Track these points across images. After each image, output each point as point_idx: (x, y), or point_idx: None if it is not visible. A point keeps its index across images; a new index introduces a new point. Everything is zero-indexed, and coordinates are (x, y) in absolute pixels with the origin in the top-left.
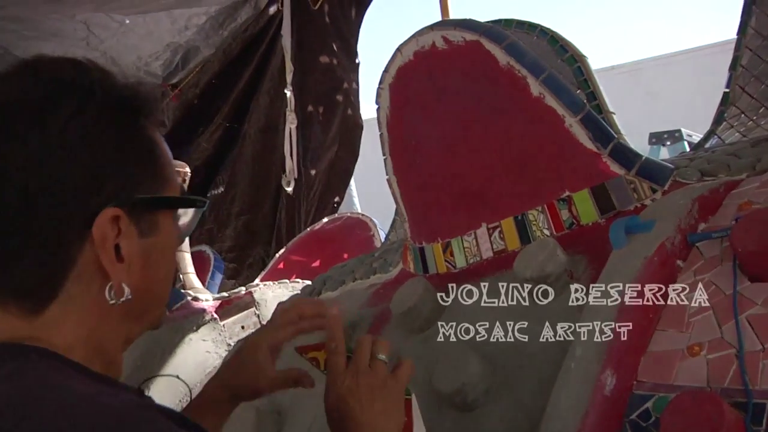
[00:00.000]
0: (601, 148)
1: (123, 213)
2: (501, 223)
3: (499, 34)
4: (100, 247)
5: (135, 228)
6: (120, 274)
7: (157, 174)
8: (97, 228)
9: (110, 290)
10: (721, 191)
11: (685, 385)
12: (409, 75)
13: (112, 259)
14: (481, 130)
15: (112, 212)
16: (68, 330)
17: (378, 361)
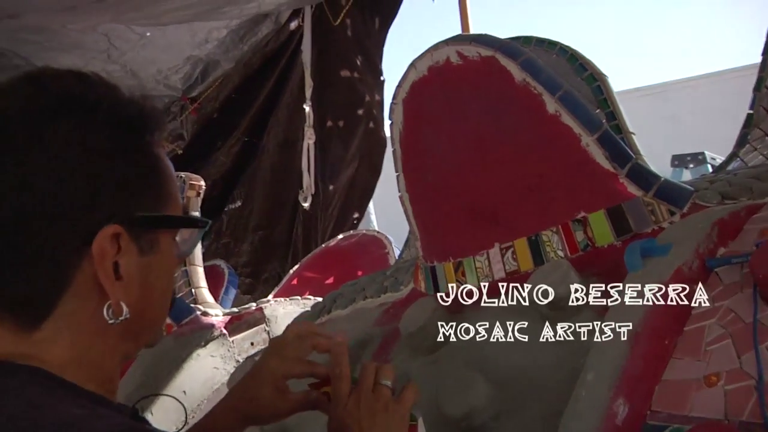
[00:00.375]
0: (618, 168)
1: (123, 230)
2: (514, 243)
3: (515, 49)
4: (99, 264)
5: (135, 246)
6: (118, 293)
7: (159, 192)
8: (97, 245)
9: (108, 309)
10: (742, 215)
11: (702, 416)
12: (422, 90)
13: (110, 276)
14: (495, 148)
15: (113, 230)
16: (62, 348)
17: (382, 386)
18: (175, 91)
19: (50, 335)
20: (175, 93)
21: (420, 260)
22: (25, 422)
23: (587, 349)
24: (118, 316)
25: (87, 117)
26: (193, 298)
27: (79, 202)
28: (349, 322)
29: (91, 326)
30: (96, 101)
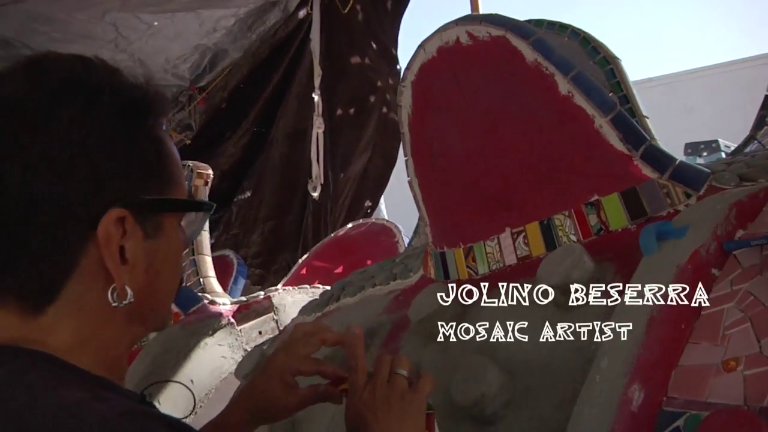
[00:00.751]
0: (632, 150)
1: (128, 214)
2: (526, 227)
3: (527, 29)
4: (105, 247)
5: (140, 229)
6: (124, 276)
7: (163, 176)
8: (103, 228)
9: (113, 292)
10: (761, 196)
11: (720, 402)
12: (432, 72)
13: (116, 260)
14: (506, 130)
15: (118, 213)
16: (68, 332)
17: (397, 375)
18: (183, 80)
19: (55, 320)
20: (183, 83)
21: (430, 246)
22: (25, 405)
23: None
24: (122, 299)
25: (90, 101)
26: (202, 287)
27: (84, 185)
28: (358, 309)
29: (97, 310)
30: (99, 85)
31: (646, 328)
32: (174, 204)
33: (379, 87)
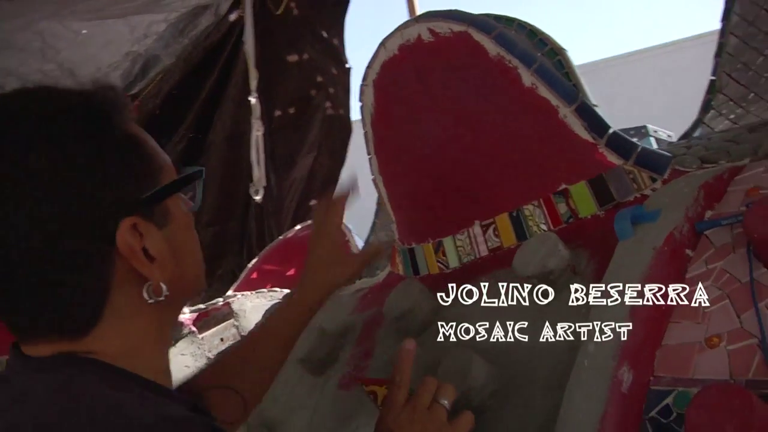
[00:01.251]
0: (597, 138)
1: (137, 217)
2: (495, 219)
3: (488, 24)
4: (131, 257)
5: (152, 225)
6: (157, 273)
7: (151, 167)
8: (121, 243)
9: (148, 290)
10: (725, 177)
11: (707, 378)
12: (394, 70)
13: (145, 263)
14: (471, 124)
15: (129, 222)
16: (118, 339)
17: (439, 405)
18: None
19: (101, 334)
20: None
21: (396, 243)
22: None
23: (582, 321)
24: (159, 295)
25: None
26: None
27: (91, 213)
28: (326, 310)
29: (140, 312)
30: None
31: (630, 311)
32: (170, 188)
33: (320, 82)
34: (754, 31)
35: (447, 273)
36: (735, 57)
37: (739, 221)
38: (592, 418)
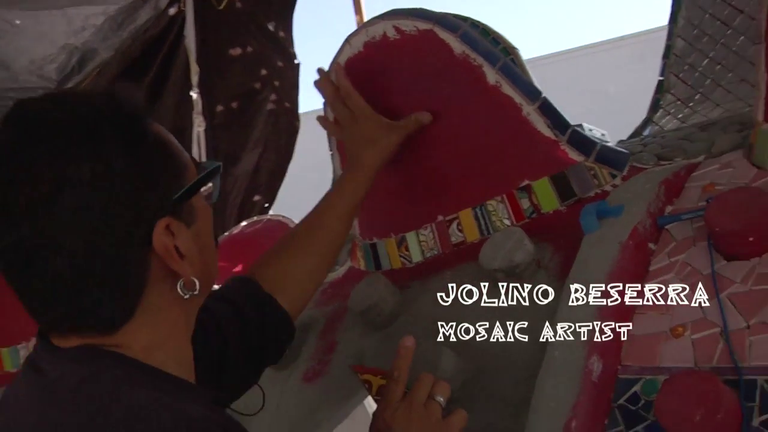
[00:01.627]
0: (559, 136)
1: (170, 218)
2: (459, 214)
3: (453, 22)
4: (166, 257)
5: (182, 224)
6: (187, 269)
7: (177, 166)
8: (158, 243)
9: (182, 286)
10: (683, 174)
11: (673, 366)
12: (358, 67)
13: (177, 260)
14: (436, 121)
15: (164, 223)
16: (146, 335)
17: (434, 402)
18: (50, 82)
19: (131, 329)
20: (49, 84)
21: (357, 238)
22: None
23: (549, 313)
24: (192, 288)
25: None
26: None
27: (127, 218)
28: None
29: (168, 309)
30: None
31: (599, 302)
32: (195, 186)
33: (265, 76)
34: (699, 34)
35: (410, 267)
36: (682, 58)
37: (699, 216)
38: (564, 406)
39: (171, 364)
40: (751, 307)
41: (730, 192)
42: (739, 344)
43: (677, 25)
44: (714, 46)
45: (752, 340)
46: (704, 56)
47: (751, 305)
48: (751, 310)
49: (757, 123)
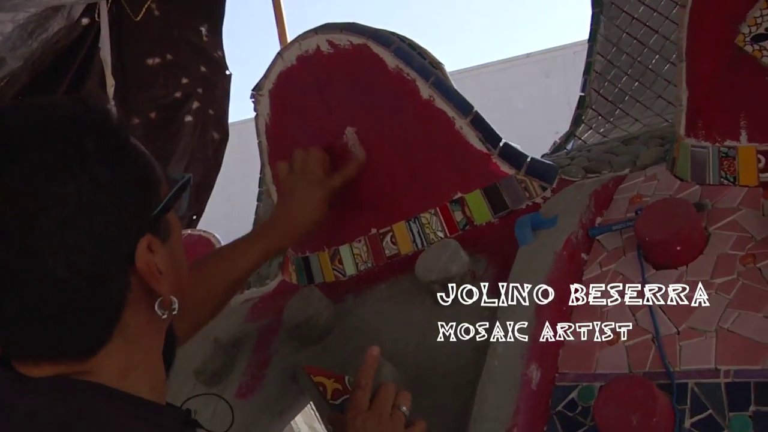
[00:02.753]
0: (491, 149)
1: (150, 235)
2: (392, 227)
3: (387, 37)
4: (148, 275)
5: (159, 240)
6: (165, 287)
7: (152, 182)
8: (140, 262)
9: (160, 305)
10: (611, 186)
11: (608, 372)
12: (291, 80)
13: (159, 279)
14: (370, 135)
15: (146, 241)
16: (121, 359)
17: (399, 412)
18: None
19: (107, 353)
20: None
21: (289, 252)
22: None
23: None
24: (169, 308)
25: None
26: None
27: (111, 237)
28: (213, 321)
29: (145, 330)
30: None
31: (536, 312)
32: (170, 201)
33: (186, 83)
34: (617, 52)
35: (344, 281)
36: (602, 75)
37: (629, 227)
38: (504, 413)
39: (145, 387)
40: (680, 314)
41: (657, 203)
42: (670, 350)
43: (597, 43)
44: (632, 64)
45: (682, 345)
46: (623, 73)
47: (680, 312)
48: (681, 317)
49: (679, 137)
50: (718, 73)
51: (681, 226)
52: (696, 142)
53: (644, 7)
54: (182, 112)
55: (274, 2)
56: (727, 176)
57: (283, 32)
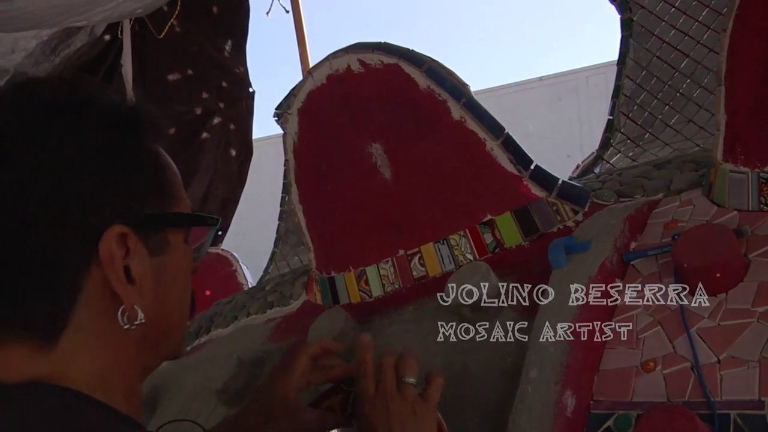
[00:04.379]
0: (522, 171)
1: (130, 231)
2: (421, 249)
3: (419, 57)
4: (108, 266)
5: (144, 246)
6: (132, 296)
7: (163, 190)
8: (104, 246)
9: (123, 314)
10: (645, 211)
11: (645, 401)
12: (321, 99)
13: (122, 280)
14: (399, 155)
15: (119, 230)
16: (85, 363)
17: (405, 384)
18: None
19: (70, 349)
20: None
21: (314, 272)
22: None
23: (515, 348)
24: (133, 320)
25: (79, 119)
26: None
27: (80, 203)
28: (236, 340)
29: (110, 337)
30: (87, 102)
31: (570, 338)
32: (177, 218)
33: (206, 98)
34: (647, 76)
35: (370, 302)
36: (631, 99)
37: (665, 252)
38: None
39: (120, 399)
40: (720, 342)
41: (696, 228)
42: (711, 379)
43: (626, 66)
44: (662, 88)
45: (723, 375)
46: (653, 97)
47: (720, 340)
48: (721, 345)
49: (716, 162)
50: (758, 98)
51: (721, 253)
52: (734, 168)
53: (675, 31)
54: (203, 128)
55: (295, 22)
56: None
57: (304, 51)
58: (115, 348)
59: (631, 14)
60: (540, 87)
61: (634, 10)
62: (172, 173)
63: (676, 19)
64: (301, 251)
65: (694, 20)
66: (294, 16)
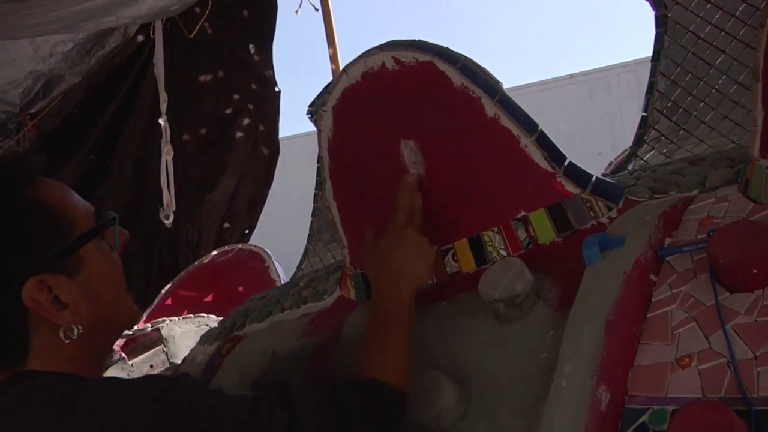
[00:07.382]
0: (555, 168)
1: (43, 275)
2: (454, 245)
3: (453, 55)
4: (39, 309)
5: (62, 276)
6: (66, 318)
7: (60, 226)
8: (27, 298)
9: (63, 333)
10: (680, 207)
11: (680, 396)
12: (355, 96)
13: (53, 312)
14: (433, 152)
15: (32, 282)
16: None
17: None
18: (12, 106)
19: (38, 363)
20: (12, 109)
21: (348, 268)
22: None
23: (550, 343)
24: (71, 336)
25: None
26: None
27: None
28: (270, 335)
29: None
30: None
31: (605, 331)
32: (80, 240)
33: (237, 100)
34: (682, 72)
35: None
36: (665, 95)
37: (700, 248)
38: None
39: None
40: (757, 338)
41: (732, 225)
42: (747, 375)
43: (660, 63)
44: (697, 84)
45: (760, 371)
46: (687, 93)
47: (757, 336)
48: (758, 341)
49: (753, 158)
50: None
51: (757, 249)
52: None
53: (711, 27)
54: (233, 128)
55: (325, 21)
56: None
57: (334, 50)
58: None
59: (666, 10)
60: (571, 84)
61: (668, 6)
62: (59, 204)
63: (712, 15)
64: (334, 248)
65: (731, 16)
66: (324, 14)
